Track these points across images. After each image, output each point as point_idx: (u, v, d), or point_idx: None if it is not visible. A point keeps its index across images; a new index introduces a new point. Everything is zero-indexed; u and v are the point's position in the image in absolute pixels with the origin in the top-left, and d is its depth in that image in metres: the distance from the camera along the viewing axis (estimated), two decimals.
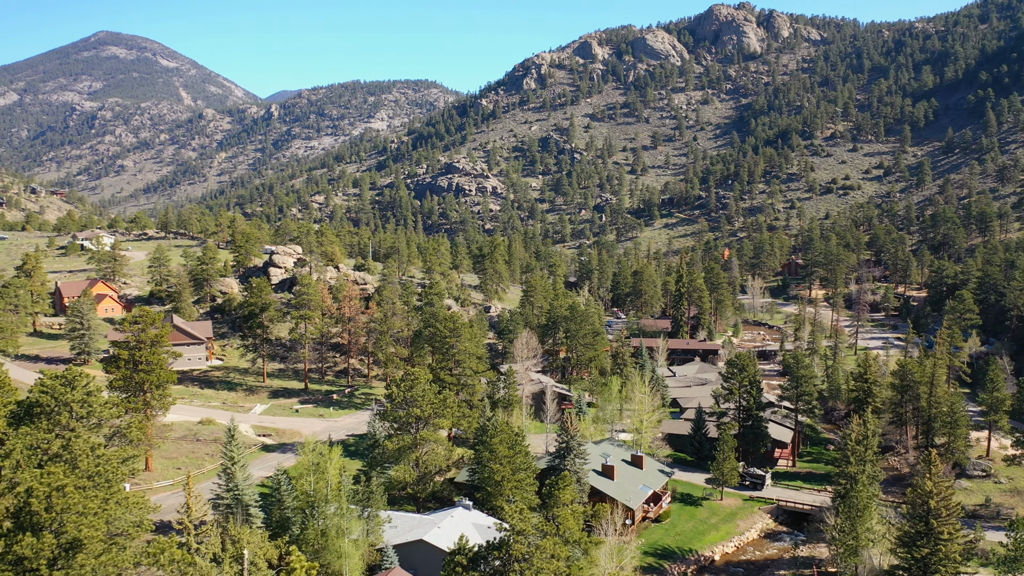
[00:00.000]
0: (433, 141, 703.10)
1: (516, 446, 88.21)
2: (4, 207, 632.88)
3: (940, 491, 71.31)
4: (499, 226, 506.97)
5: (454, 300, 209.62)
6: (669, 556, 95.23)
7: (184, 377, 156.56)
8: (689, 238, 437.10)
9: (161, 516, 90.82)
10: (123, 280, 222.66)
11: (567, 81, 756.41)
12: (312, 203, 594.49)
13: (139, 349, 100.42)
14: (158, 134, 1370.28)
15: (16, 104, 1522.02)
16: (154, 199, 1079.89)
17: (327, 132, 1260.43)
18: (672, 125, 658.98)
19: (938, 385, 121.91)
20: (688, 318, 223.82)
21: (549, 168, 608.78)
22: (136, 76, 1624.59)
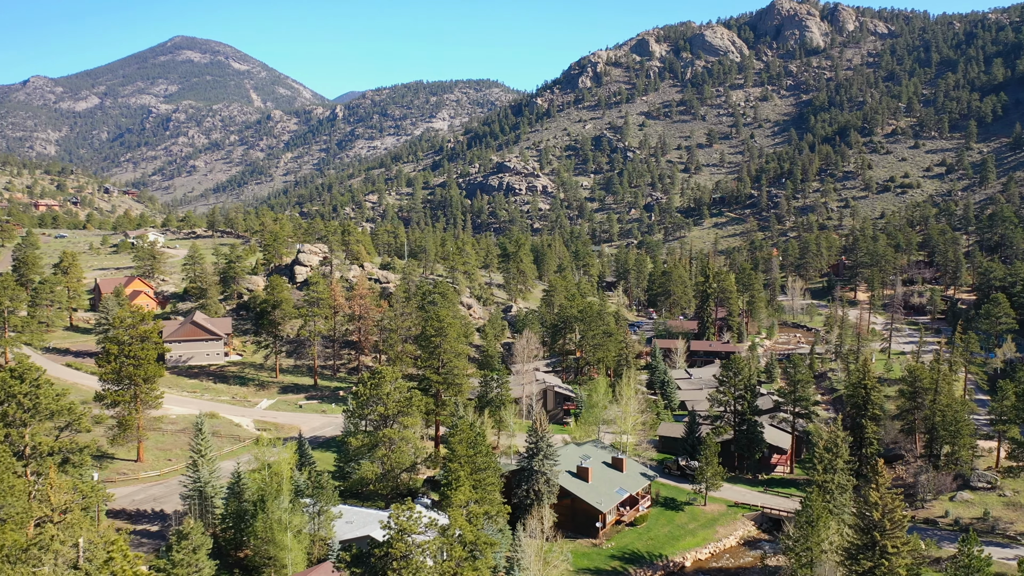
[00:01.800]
0: (487, 140, 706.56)
1: (476, 445, 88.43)
2: (79, 206, 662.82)
3: (886, 503, 68.77)
4: (547, 225, 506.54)
5: (476, 299, 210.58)
6: (636, 561, 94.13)
7: (201, 372, 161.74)
8: (737, 238, 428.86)
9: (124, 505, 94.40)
10: (161, 277, 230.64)
11: (623, 79, 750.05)
12: (366, 202, 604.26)
13: (128, 344, 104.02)
14: (228, 135, 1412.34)
15: (97, 107, 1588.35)
16: (223, 198, 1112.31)
17: (389, 132, 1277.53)
18: (729, 122, 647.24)
19: (942, 392, 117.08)
20: (715, 319, 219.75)
21: (601, 167, 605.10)
22: (209, 79, 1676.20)
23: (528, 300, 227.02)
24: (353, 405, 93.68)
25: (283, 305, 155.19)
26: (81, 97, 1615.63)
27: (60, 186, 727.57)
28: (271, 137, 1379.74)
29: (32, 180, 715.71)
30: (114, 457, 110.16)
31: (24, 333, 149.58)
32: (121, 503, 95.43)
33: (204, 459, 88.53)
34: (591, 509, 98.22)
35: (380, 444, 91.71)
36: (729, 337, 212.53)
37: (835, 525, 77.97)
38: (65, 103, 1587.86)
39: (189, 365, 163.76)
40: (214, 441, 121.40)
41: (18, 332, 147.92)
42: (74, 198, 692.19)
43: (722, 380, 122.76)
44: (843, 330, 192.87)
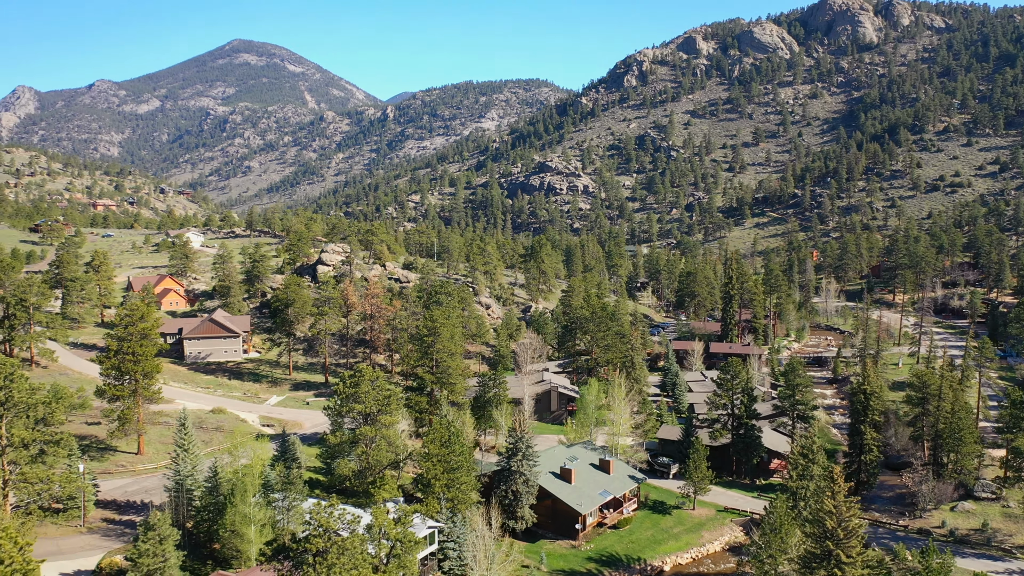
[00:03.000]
0: (531, 140, 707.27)
1: (451, 444, 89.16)
2: (135, 206, 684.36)
3: (840, 511, 67.34)
4: (587, 225, 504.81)
5: (495, 299, 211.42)
6: (613, 563, 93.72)
7: (218, 368, 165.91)
8: (778, 239, 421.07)
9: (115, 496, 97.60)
10: (193, 275, 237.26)
11: (669, 77, 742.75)
12: (408, 202, 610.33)
13: (127, 341, 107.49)
14: (282, 136, 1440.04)
15: (158, 110, 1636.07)
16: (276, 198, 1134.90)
17: (439, 132, 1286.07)
18: (776, 121, 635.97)
19: (946, 398, 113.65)
20: (739, 321, 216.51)
21: (644, 166, 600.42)
22: (265, 81, 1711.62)
23: (549, 300, 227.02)
24: (334, 403, 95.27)
25: (296, 304, 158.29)
26: (143, 100, 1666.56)
27: (118, 187, 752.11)
28: (323, 138, 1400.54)
29: (92, 181, 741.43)
30: (116, 450, 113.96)
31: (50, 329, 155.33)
32: (113, 494, 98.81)
33: (187, 453, 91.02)
34: (571, 510, 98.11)
35: (359, 442, 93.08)
36: (751, 339, 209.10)
37: (799, 532, 76.52)
38: (128, 106, 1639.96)
39: (207, 361, 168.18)
40: (214, 436, 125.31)
41: (44, 328, 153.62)
42: (131, 198, 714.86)
43: (720, 383, 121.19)
44: (867, 333, 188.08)
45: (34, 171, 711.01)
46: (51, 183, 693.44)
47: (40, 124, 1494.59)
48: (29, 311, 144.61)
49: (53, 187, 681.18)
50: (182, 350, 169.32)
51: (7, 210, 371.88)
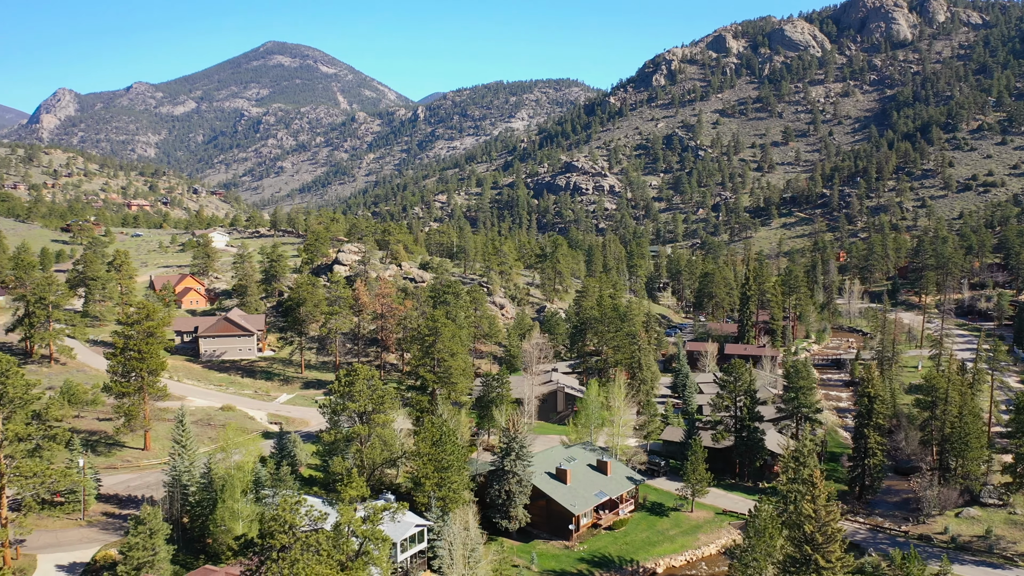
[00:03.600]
0: (558, 140, 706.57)
1: (442, 444, 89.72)
2: (168, 206, 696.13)
3: (820, 516, 66.64)
4: (612, 225, 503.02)
5: (510, 299, 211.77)
6: (605, 565, 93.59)
7: (232, 367, 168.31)
8: (805, 239, 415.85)
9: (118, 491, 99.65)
10: (215, 275, 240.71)
11: (698, 76, 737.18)
12: (435, 202, 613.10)
13: (133, 338, 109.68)
14: (315, 137, 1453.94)
15: (194, 111, 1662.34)
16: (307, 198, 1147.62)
17: (469, 132, 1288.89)
18: (807, 120, 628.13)
19: (953, 402, 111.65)
20: (756, 322, 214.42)
21: (671, 166, 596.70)
22: (298, 83, 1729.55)
23: (565, 301, 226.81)
24: (329, 401, 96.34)
25: (308, 303, 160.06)
26: (179, 102, 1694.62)
27: (152, 187, 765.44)
28: (355, 138, 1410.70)
29: (127, 181, 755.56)
30: (124, 445, 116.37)
31: (68, 326, 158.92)
32: (116, 488, 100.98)
33: (184, 450, 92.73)
34: (564, 511, 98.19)
35: (353, 440, 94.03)
36: (767, 341, 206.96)
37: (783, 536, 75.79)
38: (164, 107, 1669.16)
39: (222, 359, 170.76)
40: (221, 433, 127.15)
41: (63, 325, 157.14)
42: (164, 198, 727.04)
43: (723, 385, 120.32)
44: (884, 335, 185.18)
45: (71, 172, 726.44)
46: (87, 183, 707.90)
47: (80, 126, 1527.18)
48: (48, 309, 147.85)
49: (89, 187, 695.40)
50: (198, 348, 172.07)
51: (41, 210, 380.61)
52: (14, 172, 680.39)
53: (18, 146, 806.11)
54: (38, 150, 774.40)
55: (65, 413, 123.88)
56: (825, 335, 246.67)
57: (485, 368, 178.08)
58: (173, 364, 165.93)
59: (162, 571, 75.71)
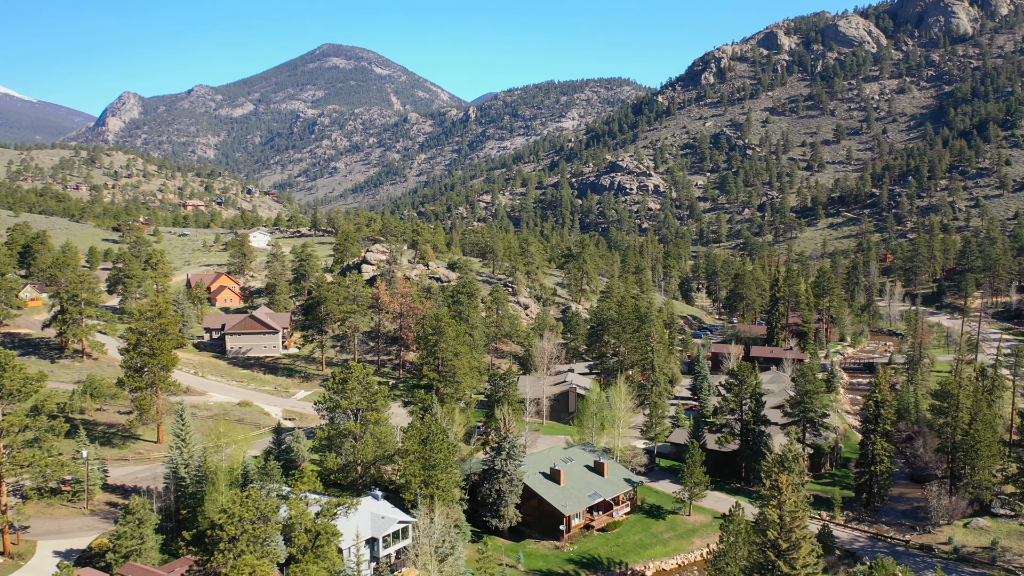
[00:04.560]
0: (605, 140, 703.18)
1: (430, 443, 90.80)
2: (222, 206, 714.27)
3: (784, 522, 65.70)
4: (655, 225, 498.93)
5: (535, 299, 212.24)
6: (592, 566, 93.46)
7: (256, 363, 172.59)
8: (851, 240, 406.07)
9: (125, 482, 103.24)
10: (251, 273, 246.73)
11: (748, 74, 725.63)
12: (479, 202, 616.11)
13: (145, 335, 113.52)
14: (368, 137, 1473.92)
15: (252, 113, 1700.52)
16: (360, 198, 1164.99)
17: (519, 132, 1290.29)
18: (860, 117, 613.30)
19: (964, 408, 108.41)
20: (785, 324, 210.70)
21: (718, 165, 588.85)
22: (353, 84, 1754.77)
23: (592, 300, 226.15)
24: (323, 398, 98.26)
25: (328, 302, 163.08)
26: (238, 104, 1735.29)
27: (208, 188, 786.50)
28: (407, 139, 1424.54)
29: (184, 182, 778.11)
30: (138, 438, 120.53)
31: (100, 323, 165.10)
32: (124, 479, 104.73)
33: (184, 444, 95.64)
34: (556, 511, 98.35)
35: (346, 436, 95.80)
36: (795, 344, 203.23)
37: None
38: (224, 110, 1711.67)
39: (247, 356, 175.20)
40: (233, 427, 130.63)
41: (95, 322, 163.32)
42: (219, 199, 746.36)
43: (728, 387, 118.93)
44: (915, 339, 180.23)
45: (131, 173, 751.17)
46: (146, 184, 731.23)
47: (143, 128, 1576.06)
48: (80, 306, 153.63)
49: (147, 188, 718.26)
50: (224, 345, 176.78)
51: (96, 210, 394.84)
52: (77, 173, 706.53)
53: (81, 148, 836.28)
54: (100, 152, 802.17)
55: (87, 406, 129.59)
56: (862, 338, 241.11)
57: (505, 367, 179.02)
58: (199, 360, 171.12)
59: (150, 559, 78.40)
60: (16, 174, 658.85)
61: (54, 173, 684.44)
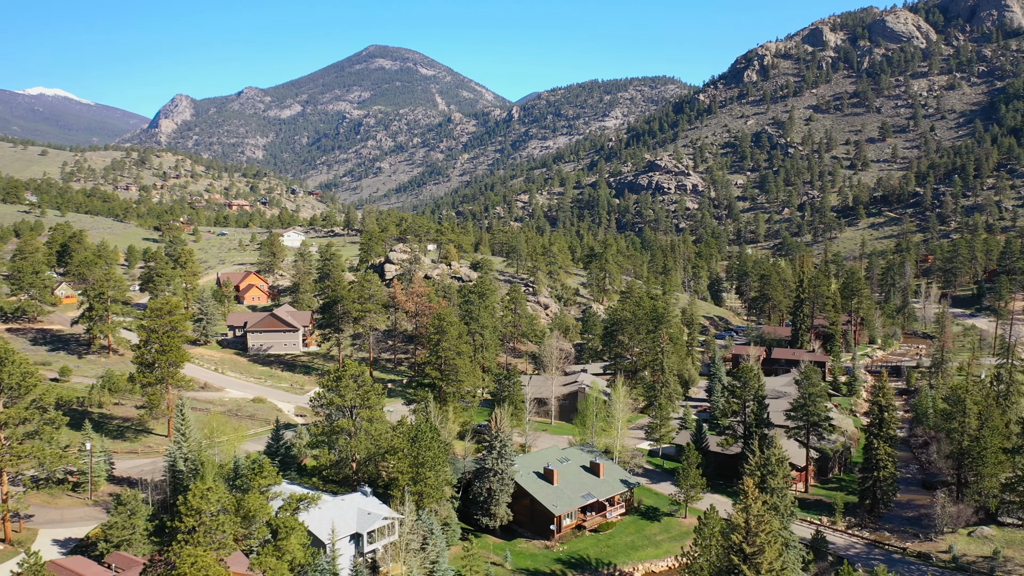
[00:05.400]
0: (645, 139, 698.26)
1: (418, 441, 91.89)
2: (267, 206, 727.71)
3: (750, 526, 65.10)
4: (692, 225, 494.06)
5: (556, 299, 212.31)
6: (580, 566, 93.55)
7: (276, 360, 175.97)
8: (892, 240, 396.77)
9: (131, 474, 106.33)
10: (280, 272, 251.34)
11: (792, 71, 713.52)
12: (516, 202, 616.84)
13: (156, 332, 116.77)
14: (412, 138, 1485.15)
15: (299, 115, 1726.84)
16: (403, 198, 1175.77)
17: (562, 132, 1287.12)
18: (907, 115, 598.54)
19: (970, 414, 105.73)
20: (810, 326, 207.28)
21: (759, 164, 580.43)
22: (398, 85, 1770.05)
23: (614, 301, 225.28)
24: (318, 395, 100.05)
25: (344, 301, 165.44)
26: (286, 105, 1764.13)
27: (253, 188, 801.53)
28: (450, 139, 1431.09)
29: (230, 183, 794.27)
30: (151, 432, 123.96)
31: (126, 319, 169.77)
32: (131, 472, 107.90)
33: (184, 438, 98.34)
34: (547, 511, 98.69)
35: (339, 433, 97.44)
36: (819, 346, 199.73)
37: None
38: (272, 111, 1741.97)
39: (268, 354, 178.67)
40: (244, 423, 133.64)
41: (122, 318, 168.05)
42: (264, 199, 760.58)
43: (730, 391, 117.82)
44: (942, 341, 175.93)
45: (179, 174, 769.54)
46: (193, 185, 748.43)
47: (194, 129, 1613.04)
48: (107, 303, 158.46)
49: (195, 188, 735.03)
50: (246, 342, 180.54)
51: (141, 210, 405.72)
52: (127, 174, 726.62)
53: (133, 150, 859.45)
54: (150, 153, 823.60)
55: (105, 400, 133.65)
56: (894, 341, 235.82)
57: (521, 367, 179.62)
58: (221, 357, 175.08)
59: (141, 549, 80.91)
60: (70, 175, 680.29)
61: (105, 174, 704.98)
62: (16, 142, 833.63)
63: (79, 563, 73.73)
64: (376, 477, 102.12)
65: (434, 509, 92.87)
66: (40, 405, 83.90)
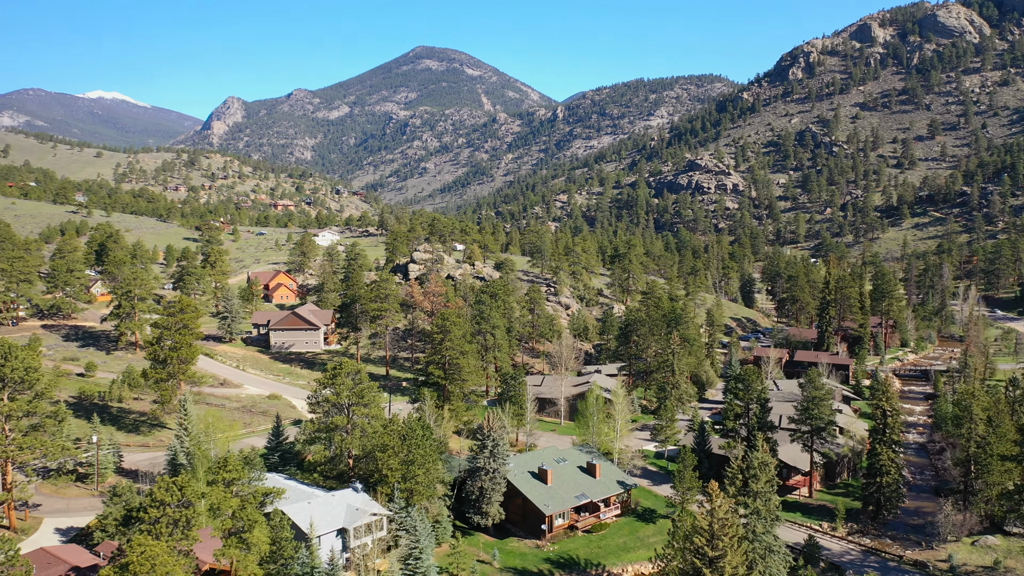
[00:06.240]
0: (687, 138, 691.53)
1: (409, 439, 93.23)
2: (311, 206, 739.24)
3: (712, 529, 64.88)
4: (731, 225, 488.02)
5: (578, 299, 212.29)
6: (569, 566, 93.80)
7: (296, 358, 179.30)
8: (936, 240, 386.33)
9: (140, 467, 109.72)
10: (310, 271, 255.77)
11: (838, 68, 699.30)
12: (555, 202, 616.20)
13: (168, 330, 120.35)
14: (457, 138, 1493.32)
15: (347, 116, 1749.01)
16: (447, 198, 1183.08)
17: (607, 131, 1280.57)
18: (957, 112, 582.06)
19: (978, 420, 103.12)
20: (837, 328, 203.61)
21: (802, 163, 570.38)
22: (445, 85, 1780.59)
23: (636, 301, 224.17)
24: (314, 392, 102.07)
25: (361, 300, 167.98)
26: (334, 107, 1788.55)
27: (299, 188, 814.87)
28: (495, 139, 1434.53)
29: (276, 183, 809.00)
30: (164, 426, 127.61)
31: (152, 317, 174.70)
32: (139, 464, 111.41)
33: (187, 433, 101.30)
34: (539, 510, 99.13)
35: (333, 430, 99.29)
36: (844, 349, 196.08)
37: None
38: (321, 113, 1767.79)
39: (289, 352, 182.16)
40: (256, 419, 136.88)
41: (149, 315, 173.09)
42: (308, 199, 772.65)
43: (734, 393, 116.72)
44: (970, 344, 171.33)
45: (227, 175, 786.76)
46: (240, 185, 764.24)
47: (245, 131, 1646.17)
48: (133, 301, 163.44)
49: (242, 189, 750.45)
50: (269, 340, 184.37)
51: (185, 210, 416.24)
52: (177, 175, 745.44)
53: (183, 151, 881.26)
54: (200, 155, 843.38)
55: (125, 395, 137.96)
56: (927, 344, 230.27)
57: (539, 367, 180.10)
58: (244, 354, 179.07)
59: None
60: (122, 176, 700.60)
61: (156, 175, 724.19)
62: (73, 144, 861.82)
63: (70, 551, 76.74)
64: (371, 474, 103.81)
65: (424, 506, 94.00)
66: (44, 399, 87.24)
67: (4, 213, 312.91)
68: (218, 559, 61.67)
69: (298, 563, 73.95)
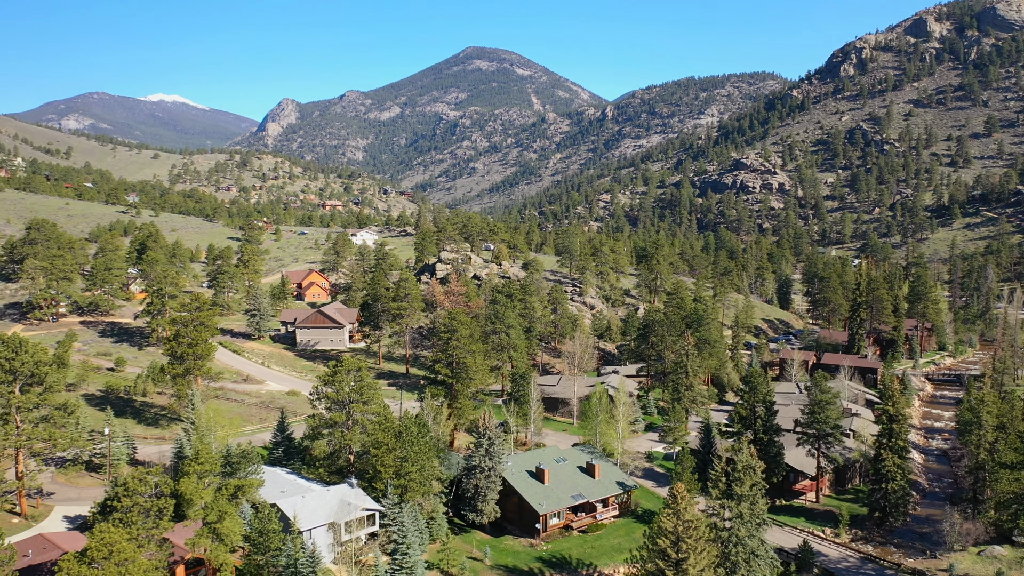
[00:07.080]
0: (734, 137, 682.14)
1: (403, 436, 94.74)
2: (359, 206, 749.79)
3: (677, 531, 64.72)
4: (776, 225, 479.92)
5: (603, 300, 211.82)
6: (560, 566, 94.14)
7: (320, 356, 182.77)
8: (988, 241, 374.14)
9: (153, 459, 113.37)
10: (343, 271, 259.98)
11: (892, 64, 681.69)
12: (598, 201, 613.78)
13: (185, 327, 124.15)
14: (506, 138, 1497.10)
15: (398, 116, 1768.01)
16: (496, 198, 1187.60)
17: (656, 130, 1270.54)
18: (1016, 108, 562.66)
19: (987, 428, 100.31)
20: (869, 331, 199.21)
21: (851, 162, 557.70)
22: (495, 86, 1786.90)
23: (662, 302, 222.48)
24: (315, 388, 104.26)
25: (382, 300, 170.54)
26: (386, 108, 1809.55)
27: (347, 189, 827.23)
28: (544, 139, 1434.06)
29: (325, 183, 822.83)
30: (181, 420, 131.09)
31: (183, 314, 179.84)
32: (152, 456, 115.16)
33: (194, 427, 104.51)
34: (533, 509, 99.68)
35: (332, 426, 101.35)
36: (874, 352, 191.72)
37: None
38: (372, 113, 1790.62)
39: (314, 349, 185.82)
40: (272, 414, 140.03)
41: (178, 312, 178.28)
42: (357, 199, 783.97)
43: (741, 395, 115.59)
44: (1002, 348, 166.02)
45: (278, 175, 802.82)
46: (290, 185, 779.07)
47: (299, 132, 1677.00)
48: (164, 299, 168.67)
49: (291, 189, 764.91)
50: (295, 338, 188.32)
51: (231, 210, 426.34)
52: (229, 176, 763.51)
53: (236, 152, 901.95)
54: (252, 156, 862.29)
55: (149, 389, 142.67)
56: (967, 347, 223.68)
57: (560, 367, 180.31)
58: (270, 351, 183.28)
59: None
60: (176, 177, 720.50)
61: (209, 176, 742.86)
62: (132, 146, 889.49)
63: (68, 537, 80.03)
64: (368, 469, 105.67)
65: (418, 503, 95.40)
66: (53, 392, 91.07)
67: (57, 213, 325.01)
68: (190, 548, 63.90)
69: (284, 555, 76.08)
